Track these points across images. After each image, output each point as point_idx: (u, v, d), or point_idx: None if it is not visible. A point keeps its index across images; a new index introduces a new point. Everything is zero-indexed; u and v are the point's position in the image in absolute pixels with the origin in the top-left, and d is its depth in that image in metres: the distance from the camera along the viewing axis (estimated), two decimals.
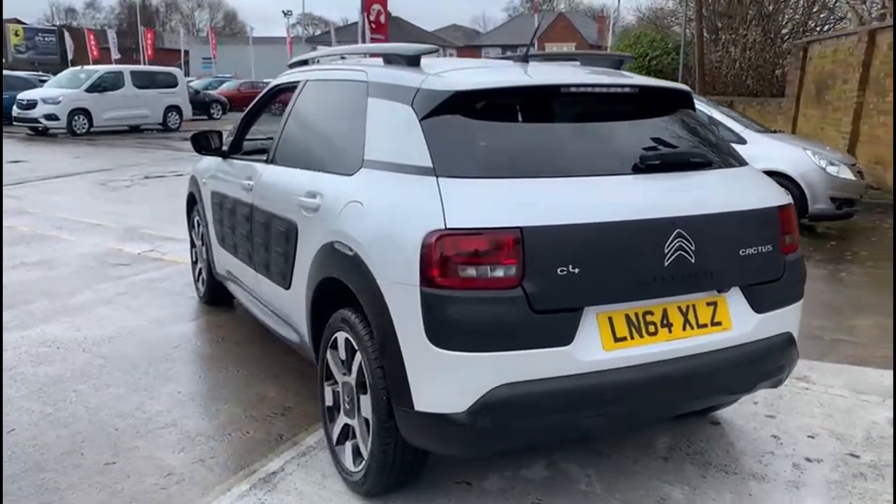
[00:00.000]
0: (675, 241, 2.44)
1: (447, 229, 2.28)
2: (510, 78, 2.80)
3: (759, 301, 2.67)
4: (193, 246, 5.32)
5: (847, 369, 4.04)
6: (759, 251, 2.65)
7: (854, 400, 3.63)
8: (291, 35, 49.75)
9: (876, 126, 10.68)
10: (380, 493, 2.73)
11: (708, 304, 2.58)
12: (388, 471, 2.61)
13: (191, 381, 3.95)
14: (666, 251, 2.43)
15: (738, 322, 2.62)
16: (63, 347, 4.34)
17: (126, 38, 49.62)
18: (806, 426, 3.36)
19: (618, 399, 2.43)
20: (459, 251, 2.27)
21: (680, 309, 2.52)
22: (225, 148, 4.42)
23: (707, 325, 2.56)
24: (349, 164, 2.89)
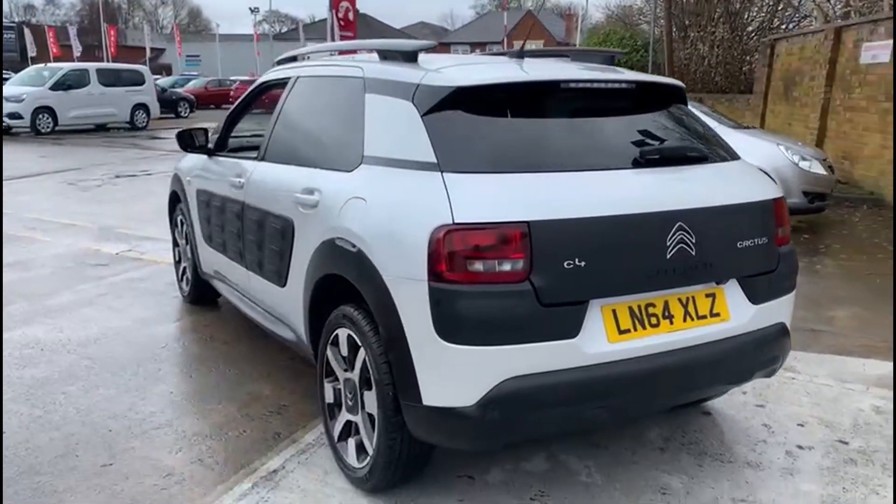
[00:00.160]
0: (677, 234, 2.48)
1: (455, 224, 2.29)
2: (510, 74, 2.81)
3: (756, 292, 2.72)
4: (176, 245, 5.25)
5: (829, 359, 4.13)
6: (756, 243, 2.71)
7: (839, 389, 3.72)
8: (258, 32, 49.28)
9: (842, 122, 10.92)
10: (385, 488, 2.73)
11: (707, 296, 2.62)
12: (394, 466, 2.62)
13: (182, 381, 3.91)
14: (668, 244, 2.47)
15: (736, 313, 2.67)
16: (47, 349, 4.26)
17: (88, 36, 48.49)
18: (795, 415, 3.43)
19: (622, 390, 2.47)
20: (467, 246, 2.28)
21: (680, 301, 2.57)
22: (210, 146, 4.38)
23: (706, 317, 2.61)
24: (348, 160, 2.88)
